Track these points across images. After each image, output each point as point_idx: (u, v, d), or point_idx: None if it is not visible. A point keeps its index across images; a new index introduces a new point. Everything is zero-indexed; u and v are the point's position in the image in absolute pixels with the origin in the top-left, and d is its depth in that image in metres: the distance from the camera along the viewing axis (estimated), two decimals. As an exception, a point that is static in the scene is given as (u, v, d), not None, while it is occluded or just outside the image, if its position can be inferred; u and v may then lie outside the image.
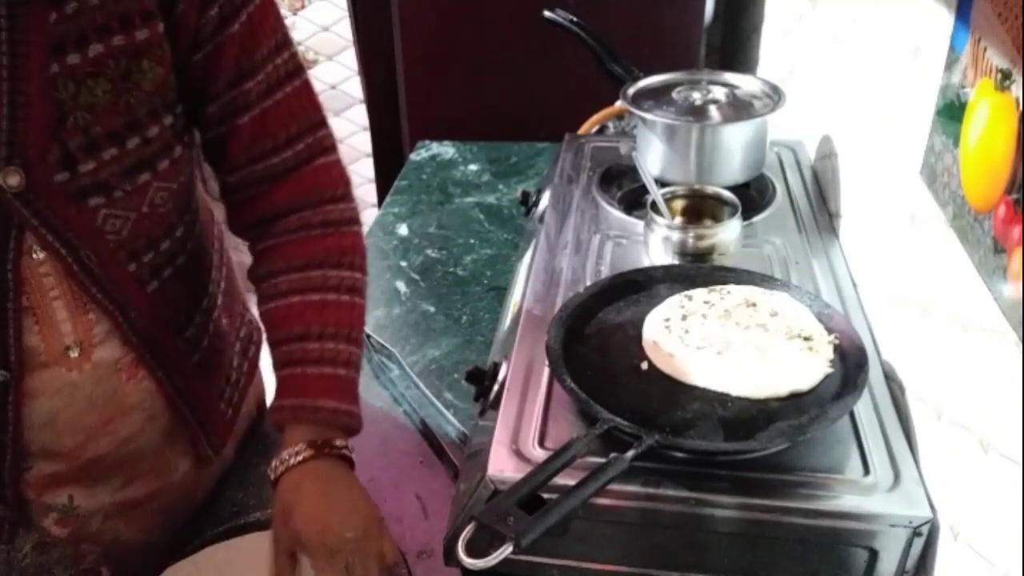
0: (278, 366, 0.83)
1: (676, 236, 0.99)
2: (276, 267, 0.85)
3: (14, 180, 0.69)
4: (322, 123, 0.85)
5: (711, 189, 1.07)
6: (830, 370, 0.78)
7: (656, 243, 1.01)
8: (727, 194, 1.04)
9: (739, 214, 1.01)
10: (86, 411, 0.82)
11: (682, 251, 0.99)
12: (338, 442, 0.80)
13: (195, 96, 0.79)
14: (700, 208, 1.07)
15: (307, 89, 0.84)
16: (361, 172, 2.85)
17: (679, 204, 1.07)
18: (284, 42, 0.81)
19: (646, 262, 1.01)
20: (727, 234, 0.99)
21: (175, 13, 0.73)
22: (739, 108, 1.14)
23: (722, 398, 0.76)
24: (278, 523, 0.76)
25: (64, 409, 0.81)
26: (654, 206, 1.02)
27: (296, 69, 0.82)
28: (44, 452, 0.83)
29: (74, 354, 0.79)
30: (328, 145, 0.86)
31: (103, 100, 0.71)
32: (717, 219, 1.04)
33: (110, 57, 0.70)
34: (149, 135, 0.75)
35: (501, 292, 1.22)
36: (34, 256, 0.74)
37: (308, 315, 0.82)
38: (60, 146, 0.70)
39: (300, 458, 0.77)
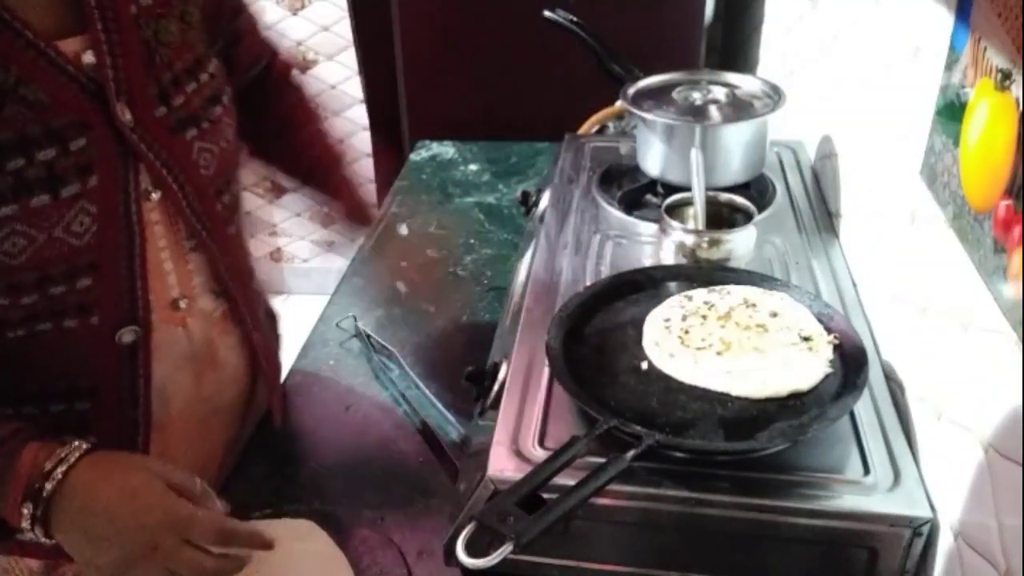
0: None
1: (691, 241, 0.96)
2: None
3: (127, 115, 0.73)
4: None
5: (724, 196, 1.03)
6: (830, 370, 0.78)
7: (669, 248, 0.98)
8: (740, 200, 1.01)
9: (754, 221, 0.98)
10: (187, 368, 0.84)
11: (695, 258, 0.96)
12: None
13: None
14: (711, 215, 1.04)
15: None
16: (361, 172, 2.84)
17: (689, 211, 1.05)
18: None
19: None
20: (743, 241, 0.96)
21: None
22: (739, 108, 1.13)
23: (722, 398, 0.76)
24: None
25: (175, 371, 0.82)
26: (670, 210, 0.99)
27: None
28: (158, 427, 0.83)
29: (183, 305, 0.81)
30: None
31: (176, 38, 0.77)
32: (731, 226, 1.00)
33: None
34: (211, 70, 0.83)
35: (501, 292, 1.22)
36: (148, 199, 0.77)
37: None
38: (155, 82, 0.76)
39: None
